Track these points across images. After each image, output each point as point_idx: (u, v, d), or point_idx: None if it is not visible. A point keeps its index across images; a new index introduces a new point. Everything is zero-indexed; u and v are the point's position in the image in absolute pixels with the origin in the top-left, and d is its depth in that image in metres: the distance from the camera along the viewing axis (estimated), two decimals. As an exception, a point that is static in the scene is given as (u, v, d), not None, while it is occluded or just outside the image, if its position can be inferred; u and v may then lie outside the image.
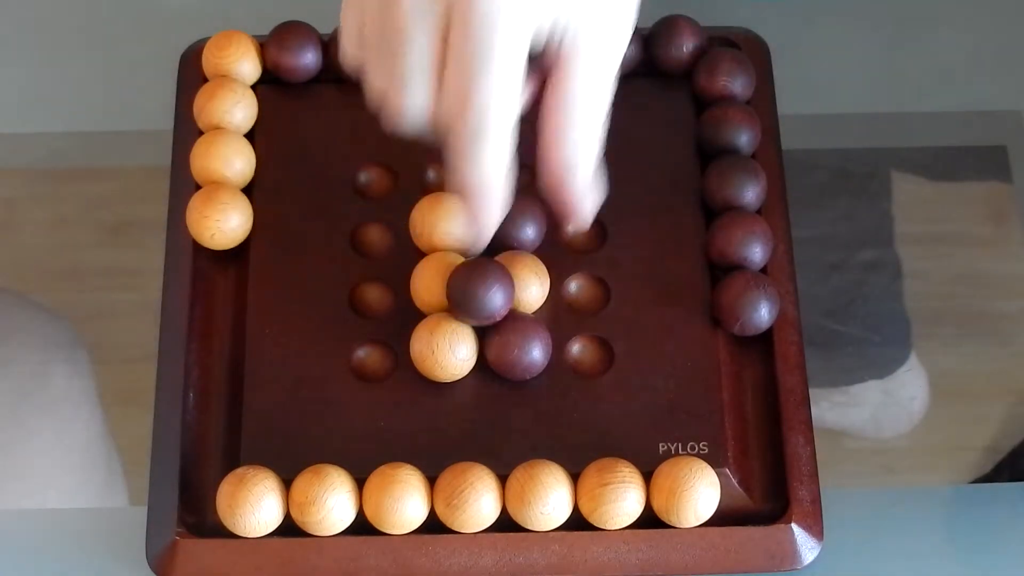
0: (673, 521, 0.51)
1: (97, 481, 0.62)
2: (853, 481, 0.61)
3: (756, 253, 0.55)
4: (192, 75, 0.60)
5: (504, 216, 0.48)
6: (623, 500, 0.50)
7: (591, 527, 0.51)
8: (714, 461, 0.51)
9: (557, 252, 0.55)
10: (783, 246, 0.56)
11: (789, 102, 0.60)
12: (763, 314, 0.53)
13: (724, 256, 0.55)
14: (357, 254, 0.56)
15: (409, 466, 0.51)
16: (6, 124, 0.68)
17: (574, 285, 0.55)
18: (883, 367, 0.64)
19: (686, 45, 0.59)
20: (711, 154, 0.57)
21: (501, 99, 0.44)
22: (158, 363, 0.55)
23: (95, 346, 0.64)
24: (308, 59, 0.59)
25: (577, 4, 0.45)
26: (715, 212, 0.56)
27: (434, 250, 0.54)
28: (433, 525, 0.51)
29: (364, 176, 0.58)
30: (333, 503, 0.50)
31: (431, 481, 0.51)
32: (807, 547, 0.52)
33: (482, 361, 0.53)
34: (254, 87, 0.59)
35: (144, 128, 0.66)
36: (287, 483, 0.51)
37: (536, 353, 0.52)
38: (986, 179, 0.69)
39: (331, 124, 0.58)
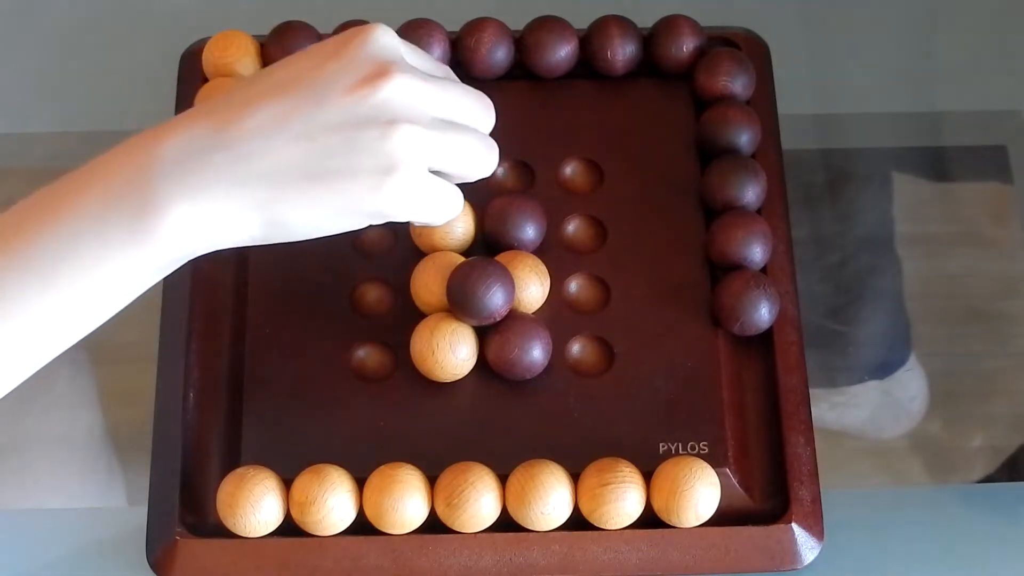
0: (673, 521, 0.51)
1: (97, 481, 0.62)
2: (853, 481, 0.61)
3: (756, 253, 0.54)
4: (192, 75, 0.60)
5: (505, 216, 0.48)
6: (623, 500, 0.50)
7: (591, 527, 0.51)
8: (714, 461, 0.51)
9: (557, 252, 0.55)
10: (783, 246, 0.56)
11: (789, 102, 0.60)
12: (763, 314, 0.53)
13: (724, 256, 0.54)
14: (357, 254, 0.56)
15: (409, 466, 0.51)
16: (6, 124, 0.68)
17: (574, 285, 0.55)
18: (883, 367, 0.64)
19: (686, 45, 0.59)
20: (711, 154, 0.57)
21: None
22: (158, 363, 0.55)
23: (96, 346, 0.64)
24: (308, 59, 0.58)
25: None
26: (715, 212, 0.56)
27: (434, 250, 0.54)
28: (433, 525, 0.51)
29: (364, 176, 0.57)
30: (333, 503, 0.50)
31: (431, 481, 0.51)
32: (807, 547, 0.52)
33: (482, 361, 0.53)
34: (254, 87, 0.59)
35: (144, 128, 0.66)
36: (287, 483, 0.51)
37: (536, 353, 0.52)
38: (986, 179, 0.69)
39: (331, 124, 0.58)
